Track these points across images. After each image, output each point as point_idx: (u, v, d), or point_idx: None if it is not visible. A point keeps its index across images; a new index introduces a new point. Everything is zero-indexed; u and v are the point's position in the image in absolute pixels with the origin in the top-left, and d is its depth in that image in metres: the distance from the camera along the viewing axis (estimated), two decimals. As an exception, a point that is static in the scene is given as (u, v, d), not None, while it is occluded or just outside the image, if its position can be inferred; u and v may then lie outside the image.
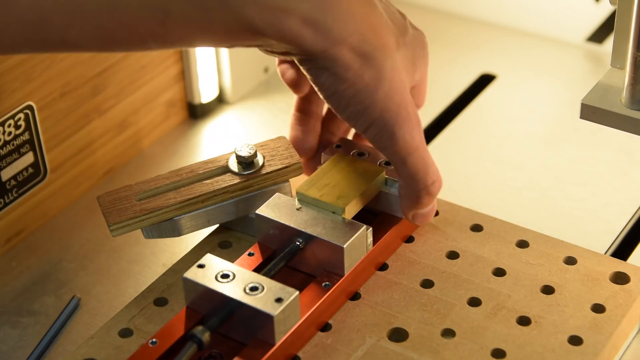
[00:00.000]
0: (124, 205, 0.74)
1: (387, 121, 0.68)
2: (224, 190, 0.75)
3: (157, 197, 0.75)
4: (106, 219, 0.74)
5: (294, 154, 0.77)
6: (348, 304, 0.73)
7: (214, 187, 0.75)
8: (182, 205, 0.75)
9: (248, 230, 0.78)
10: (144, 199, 0.75)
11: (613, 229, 0.84)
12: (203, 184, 0.76)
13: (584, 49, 1.05)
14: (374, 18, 0.68)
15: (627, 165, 0.90)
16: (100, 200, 0.75)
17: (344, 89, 0.67)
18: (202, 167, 0.77)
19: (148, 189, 0.75)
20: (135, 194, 0.75)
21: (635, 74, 0.70)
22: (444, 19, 1.11)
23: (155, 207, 0.74)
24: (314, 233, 0.72)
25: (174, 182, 0.76)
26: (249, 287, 0.68)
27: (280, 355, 0.68)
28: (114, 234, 0.73)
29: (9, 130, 0.81)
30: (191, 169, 0.77)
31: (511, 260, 0.75)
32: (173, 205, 0.74)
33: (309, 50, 0.66)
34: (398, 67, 0.69)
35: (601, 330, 0.70)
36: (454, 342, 0.70)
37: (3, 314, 0.78)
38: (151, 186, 0.75)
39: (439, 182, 0.72)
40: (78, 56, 0.85)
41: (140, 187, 0.75)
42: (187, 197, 0.75)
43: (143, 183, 0.76)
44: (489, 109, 0.98)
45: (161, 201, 0.75)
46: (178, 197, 0.75)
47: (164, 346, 0.68)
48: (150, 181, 0.76)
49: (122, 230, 0.74)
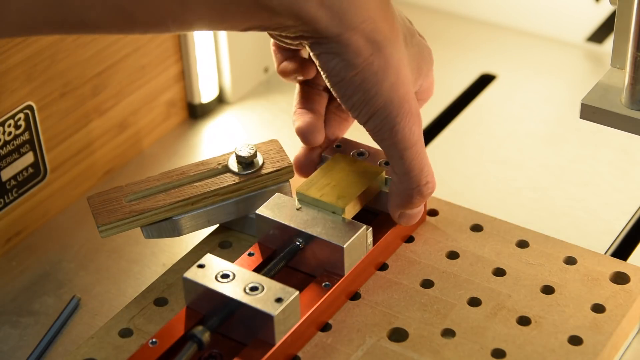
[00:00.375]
0: (114, 207, 0.74)
1: (389, 112, 0.69)
2: (213, 193, 0.75)
3: (147, 199, 0.75)
4: (95, 219, 0.74)
5: (285, 158, 0.77)
6: (348, 304, 0.73)
7: (204, 190, 0.75)
8: (171, 207, 0.75)
9: (248, 230, 0.78)
10: (134, 200, 0.75)
11: (613, 229, 0.84)
12: (193, 186, 0.76)
13: (584, 49, 1.05)
14: (387, 10, 0.69)
15: (627, 165, 0.90)
16: (90, 201, 0.75)
17: (352, 76, 0.68)
18: (193, 169, 0.77)
19: (138, 191, 0.75)
20: (125, 195, 0.75)
21: (635, 74, 0.70)
22: (444, 19, 1.11)
23: (145, 208, 0.74)
24: (314, 233, 0.72)
25: (164, 183, 0.76)
26: (249, 287, 0.68)
27: (280, 355, 0.68)
28: (102, 235, 0.73)
29: (9, 130, 0.81)
30: (182, 171, 0.77)
31: (511, 260, 0.75)
32: (162, 207, 0.74)
33: (323, 33, 0.67)
34: (405, 62, 0.70)
35: (601, 330, 0.70)
36: (454, 342, 0.70)
37: (3, 314, 0.78)
38: (141, 188, 0.75)
39: (432, 184, 0.72)
40: (78, 56, 0.85)
41: (130, 188, 0.75)
42: (176, 199, 0.75)
43: (134, 184, 0.76)
44: (489, 109, 0.98)
45: (150, 203, 0.75)
46: (168, 199, 0.75)
47: (164, 346, 0.68)
48: (141, 182, 0.76)
49: (111, 231, 0.74)
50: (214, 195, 0.75)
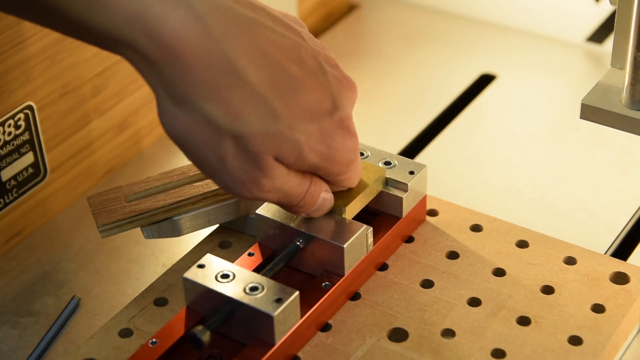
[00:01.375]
0: (114, 207, 0.74)
1: None
2: (213, 193, 0.75)
3: (147, 199, 0.75)
4: (95, 219, 0.74)
5: None
6: (348, 304, 0.73)
7: (203, 190, 0.75)
8: (171, 208, 0.74)
9: (248, 230, 0.78)
10: (134, 200, 0.75)
11: (613, 229, 0.84)
12: (193, 186, 0.76)
13: (584, 49, 1.05)
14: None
15: (627, 165, 0.90)
16: (90, 201, 0.75)
17: None
18: (193, 169, 0.77)
19: (138, 191, 0.75)
20: (125, 195, 0.75)
21: (635, 74, 0.70)
22: (444, 19, 1.11)
23: (145, 208, 0.74)
24: (314, 233, 0.72)
25: (164, 183, 0.76)
26: (249, 287, 0.68)
27: (280, 355, 0.68)
28: (102, 235, 0.73)
29: (9, 130, 0.81)
30: (182, 171, 0.77)
31: (511, 260, 0.75)
32: (162, 207, 0.74)
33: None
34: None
35: (601, 330, 0.70)
36: (454, 342, 0.70)
37: (3, 314, 0.78)
38: (141, 188, 0.75)
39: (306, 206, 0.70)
40: (78, 56, 0.85)
41: (130, 188, 0.75)
42: (176, 199, 0.75)
43: (133, 184, 0.76)
44: (489, 109, 0.98)
45: (150, 203, 0.75)
46: (167, 199, 0.75)
47: (164, 346, 0.68)
48: (141, 183, 0.76)
49: (111, 231, 0.74)
50: (214, 195, 0.75)
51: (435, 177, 0.86)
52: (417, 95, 1.00)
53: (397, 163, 0.77)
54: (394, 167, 0.77)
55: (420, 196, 0.78)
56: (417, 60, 1.05)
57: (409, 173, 0.76)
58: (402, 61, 1.05)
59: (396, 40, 1.07)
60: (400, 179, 0.76)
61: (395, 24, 1.09)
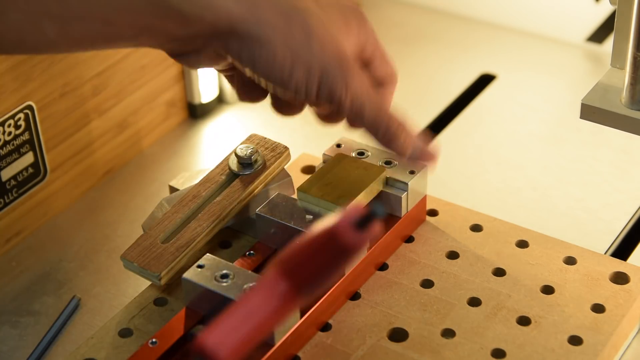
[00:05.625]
0: (155, 252, 0.72)
1: (332, 75, 0.67)
2: (238, 200, 0.75)
3: (180, 233, 0.74)
4: (150, 271, 0.71)
5: (275, 143, 0.77)
6: (348, 304, 0.73)
7: (228, 201, 0.75)
8: (212, 228, 0.74)
9: (248, 230, 0.78)
10: (167, 239, 0.74)
11: (613, 229, 0.84)
12: (214, 203, 0.75)
13: (584, 49, 1.05)
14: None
15: (627, 165, 0.90)
16: (128, 258, 0.72)
17: (281, 55, 0.66)
18: (202, 189, 0.76)
19: (166, 229, 0.74)
20: (155, 238, 0.73)
21: (635, 74, 0.70)
22: (444, 19, 1.11)
23: (189, 240, 0.73)
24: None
25: (186, 212, 0.75)
26: (248, 287, 0.68)
27: (280, 355, 0.68)
28: (163, 282, 0.71)
29: (9, 130, 0.81)
30: (193, 195, 0.76)
31: (511, 260, 0.75)
32: (204, 232, 0.73)
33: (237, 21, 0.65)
34: (324, 22, 0.68)
35: (601, 330, 0.70)
36: (454, 342, 0.70)
37: (3, 314, 0.78)
38: (167, 226, 0.74)
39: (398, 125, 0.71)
40: (78, 56, 0.85)
41: (155, 231, 0.74)
42: (212, 219, 0.74)
43: (155, 227, 0.74)
44: (489, 109, 0.98)
45: (190, 233, 0.73)
46: (203, 222, 0.74)
47: (164, 346, 0.68)
48: (163, 221, 0.74)
49: (169, 275, 0.72)
50: (239, 202, 0.75)
51: (435, 177, 0.86)
52: (417, 95, 1.00)
53: (397, 163, 0.77)
54: (394, 166, 0.77)
55: (420, 196, 0.78)
56: (417, 60, 1.05)
57: (409, 173, 0.76)
58: (402, 61, 1.05)
59: (396, 40, 1.07)
60: (400, 178, 0.76)
61: (395, 24, 1.09)
